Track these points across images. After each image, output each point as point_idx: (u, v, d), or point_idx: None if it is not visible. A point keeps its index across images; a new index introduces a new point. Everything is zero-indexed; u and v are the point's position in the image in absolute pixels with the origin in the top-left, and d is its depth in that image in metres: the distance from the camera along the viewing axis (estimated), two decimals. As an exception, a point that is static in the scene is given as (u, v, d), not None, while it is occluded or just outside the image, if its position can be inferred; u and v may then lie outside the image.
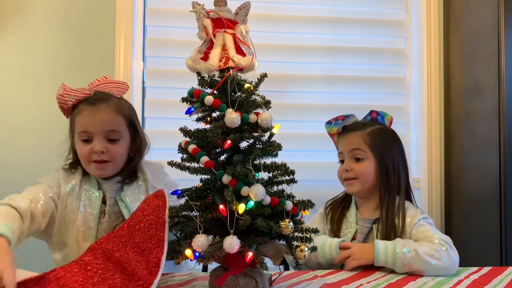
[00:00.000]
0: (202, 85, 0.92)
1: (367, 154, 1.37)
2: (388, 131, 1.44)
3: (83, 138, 1.27)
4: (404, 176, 1.40)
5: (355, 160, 1.38)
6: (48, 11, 2.02)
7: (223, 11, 0.93)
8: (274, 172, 0.92)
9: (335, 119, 1.46)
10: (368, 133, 1.39)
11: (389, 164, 1.37)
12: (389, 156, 1.37)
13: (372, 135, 1.38)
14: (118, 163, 1.29)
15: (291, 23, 2.17)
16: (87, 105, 1.28)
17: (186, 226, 0.89)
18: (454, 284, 1.05)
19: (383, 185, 1.36)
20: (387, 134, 1.42)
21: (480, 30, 1.93)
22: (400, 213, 1.33)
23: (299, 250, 0.89)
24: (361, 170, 1.36)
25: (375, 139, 1.38)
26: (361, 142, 1.37)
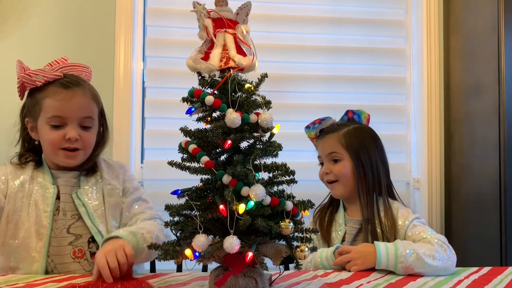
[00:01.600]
0: (203, 85, 0.91)
1: (343, 155, 1.39)
2: (364, 129, 1.45)
3: (53, 123, 1.18)
4: (384, 174, 1.41)
5: (333, 162, 1.41)
6: (48, 11, 2.02)
7: (224, 11, 0.93)
8: (274, 172, 0.92)
9: (312, 123, 1.47)
10: (343, 134, 1.41)
11: (366, 162, 1.38)
12: (366, 155, 1.39)
13: (347, 136, 1.40)
14: (88, 152, 1.23)
15: (291, 23, 2.17)
16: (61, 88, 1.20)
17: (186, 226, 0.89)
18: (454, 284, 1.05)
19: (360, 184, 1.36)
20: (362, 133, 1.43)
21: (480, 30, 1.93)
22: (388, 213, 1.34)
23: (299, 250, 0.88)
24: (339, 171, 1.39)
25: (350, 139, 1.40)
26: (336, 144, 1.40)
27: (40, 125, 1.22)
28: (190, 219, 0.89)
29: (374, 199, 1.36)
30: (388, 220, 1.33)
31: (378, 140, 1.45)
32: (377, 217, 1.34)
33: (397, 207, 1.37)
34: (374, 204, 1.36)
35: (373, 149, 1.41)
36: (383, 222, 1.33)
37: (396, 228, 1.32)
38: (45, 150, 1.23)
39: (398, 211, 1.36)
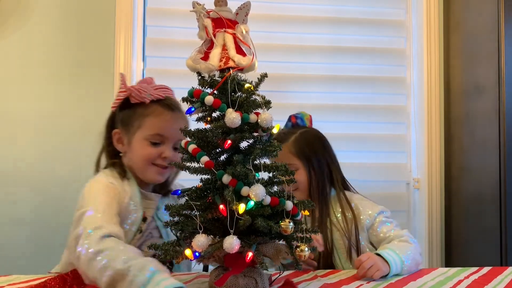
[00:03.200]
0: (203, 85, 0.92)
1: (297, 164, 1.40)
2: (310, 132, 1.47)
3: (153, 141, 1.21)
4: (335, 167, 1.44)
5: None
6: (48, 11, 2.02)
7: (224, 11, 0.93)
8: (274, 172, 0.92)
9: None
10: (292, 143, 1.42)
11: (317, 164, 1.41)
12: (315, 157, 1.42)
13: (296, 144, 1.42)
14: (172, 172, 1.28)
15: (291, 23, 2.17)
16: (167, 110, 1.24)
17: (186, 226, 0.89)
18: (454, 284, 1.05)
19: (315, 186, 1.39)
20: (309, 137, 1.45)
21: (480, 30, 1.93)
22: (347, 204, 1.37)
23: (299, 250, 0.89)
24: (298, 179, 1.36)
25: (299, 146, 1.41)
26: (288, 154, 1.40)
27: (136, 139, 1.23)
28: (190, 219, 0.89)
29: (327, 197, 1.40)
30: (348, 212, 1.36)
31: (324, 140, 1.48)
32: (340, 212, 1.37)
33: (358, 198, 1.41)
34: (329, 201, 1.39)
35: (322, 150, 1.44)
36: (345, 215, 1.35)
37: (358, 218, 1.34)
38: (136, 163, 1.23)
39: (361, 202, 1.39)
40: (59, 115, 2.01)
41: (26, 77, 2.00)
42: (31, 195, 1.97)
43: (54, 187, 1.99)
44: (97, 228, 0.97)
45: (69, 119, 2.02)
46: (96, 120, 2.02)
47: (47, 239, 1.97)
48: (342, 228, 1.34)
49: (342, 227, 1.34)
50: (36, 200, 1.97)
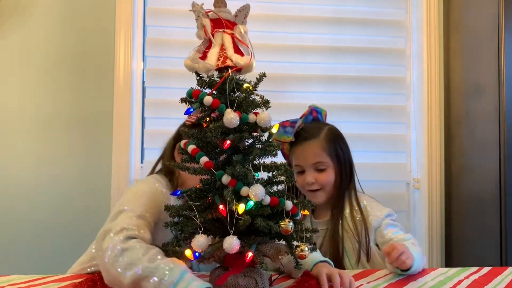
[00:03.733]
0: (201, 85, 0.91)
1: (329, 163, 1.37)
2: (335, 130, 1.44)
3: None
4: (354, 169, 1.43)
5: (317, 171, 1.37)
6: (48, 11, 2.02)
7: (223, 12, 0.93)
8: (274, 172, 0.92)
9: (282, 126, 1.38)
10: (324, 140, 1.37)
11: (345, 165, 1.39)
12: (344, 157, 1.39)
13: (328, 141, 1.38)
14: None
15: (291, 23, 2.17)
16: None
17: (186, 226, 0.89)
18: (454, 284, 1.05)
19: (341, 186, 1.37)
20: (336, 135, 1.42)
21: (480, 30, 1.93)
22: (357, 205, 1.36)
23: (299, 250, 0.89)
24: (326, 180, 1.36)
25: (331, 145, 1.38)
26: (321, 152, 1.36)
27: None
28: (189, 220, 0.89)
29: (347, 195, 1.39)
30: (357, 213, 1.34)
31: (343, 137, 1.45)
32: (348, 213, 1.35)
33: (367, 198, 1.40)
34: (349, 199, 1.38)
35: (346, 148, 1.42)
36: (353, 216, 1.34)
37: (367, 219, 1.33)
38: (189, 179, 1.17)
39: (370, 203, 1.38)
40: (59, 115, 2.01)
41: (26, 77, 2.00)
42: (31, 194, 1.97)
43: (54, 186, 1.99)
44: (127, 230, 0.97)
45: (69, 119, 2.02)
46: (96, 120, 2.03)
47: (47, 239, 1.97)
48: (352, 230, 1.32)
49: (351, 229, 1.32)
50: (36, 200, 1.97)
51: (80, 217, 1.99)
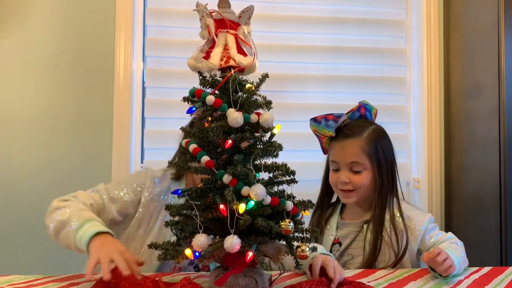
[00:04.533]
0: (204, 85, 0.92)
1: (366, 165, 1.30)
2: (380, 130, 1.37)
3: None
4: (396, 173, 1.36)
5: (353, 171, 1.31)
6: (48, 11, 2.02)
7: (226, 12, 0.93)
8: (275, 172, 0.92)
9: (324, 119, 1.34)
10: (365, 140, 1.30)
11: (386, 169, 1.32)
12: (385, 160, 1.32)
13: (370, 142, 1.30)
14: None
15: (291, 23, 2.17)
16: None
17: (186, 226, 0.89)
18: (454, 284, 1.05)
19: (379, 190, 1.30)
20: (381, 136, 1.35)
21: (480, 30, 1.93)
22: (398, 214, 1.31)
23: (300, 250, 0.89)
24: (361, 182, 1.30)
25: (373, 146, 1.30)
26: (360, 153, 1.29)
27: None
28: (190, 219, 0.89)
29: (387, 202, 1.32)
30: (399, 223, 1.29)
31: (389, 138, 1.37)
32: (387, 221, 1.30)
33: (408, 208, 1.35)
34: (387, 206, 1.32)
35: (389, 151, 1.34)
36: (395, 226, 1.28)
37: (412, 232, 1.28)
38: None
39: (412, 212, 1.33)
40: (59, 115, 2.01)
41: (26, 77, 2.00)
42: (31, 194, 1.97)
43: (54, 186, 1.99)
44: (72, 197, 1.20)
45: (69, 119, 2.02)
46: (96, 120, 2.03)
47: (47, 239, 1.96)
48: (390, 239, 1.27)
49: (390, 238, 1.27)
50: (36, 200, 1.97)
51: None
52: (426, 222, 1.30)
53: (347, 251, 1.34)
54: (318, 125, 1.35)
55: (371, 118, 1.40)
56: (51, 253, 1.96)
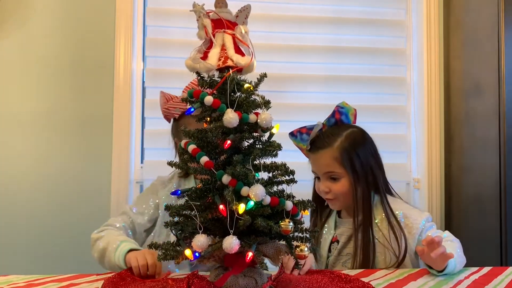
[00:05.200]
0: (202, 85, 0.92)
1: (341, 173, 1.31)
2: (355, 134, 1.35)
3: None
4: (381, 174, 1.35)
5: (331, 179, 1.33)
6: (48, 11, 2.02)
7: (223, 12, 0.93)
8: (274, 172, 0.92)
9: (299, 132, 1.36)
10: (337, 150, 1.31)
11: (362, 171, 1.31)
12: (361, 164, 1.31)
13: (342, 151, 1.31)
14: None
15: (291, 23, 2.17)
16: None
17: (186, 226, 0.89)
18: (454, 284, 1.05)
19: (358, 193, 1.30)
20: (354, 140, 1.34)
21: (480, 30, 1.93)
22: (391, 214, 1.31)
23: (299, 250, 0.88)
24: (340, 190, 1.31)
25: (346, 155, 1.30)
26: (332, 162, 1.30)
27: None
28: (190, 219, 0.89)
29: (375, 204, 1.33)
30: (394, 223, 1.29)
31: (369, 141, 1.38)
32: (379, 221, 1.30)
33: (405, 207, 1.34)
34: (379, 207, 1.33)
35: (366, 153, 1.34)
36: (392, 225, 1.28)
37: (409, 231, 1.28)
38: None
39: (409, 211, 1.32)
40: (59, 115, 2.01)
41: (26, 77, 2.00)
42: (31, 194, 1.97)
43: (54, 187, 1.99)
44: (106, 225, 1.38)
45: (69, 118, 2.02)
46: (96, 120, 2.03)
47: (46, 239, 1.97)
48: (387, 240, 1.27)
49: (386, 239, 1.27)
50: (35, 200, 1.97)
51: (80, 217, 1.99)
52: (424, 220, 1.30)
53: (344, 250, 1.34)
54: (295, 139, 1.39)
55: (348, 121, 1.39)
56: (51, 253, 1.96)
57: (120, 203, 1.99)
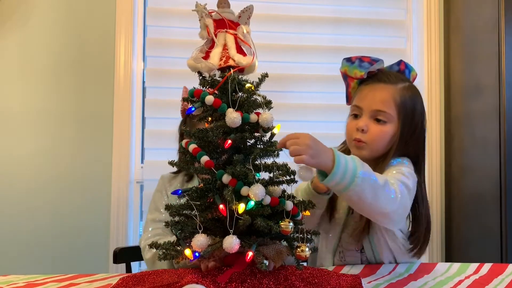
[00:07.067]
0: (203, 85, 0.92)
1: (393, 117, 1.13)
2: (418, 93, 1.20)
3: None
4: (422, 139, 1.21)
5: (375, 120, 1.14)
6: (48, 11, 2.02)
7: (226, 12, 0.93)
8: (275, 172, 0.92)
9: (359, 60, 1.19)
10: (399, 91, 1.14)
11: (411, 127, 1.16)
12: (413, 118, 1.16)
13: (403, 94, 1.14)
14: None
15: (291, 23, 2.17)
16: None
17: (186, 226, 0.89)
18: (454, 284, 1.05)
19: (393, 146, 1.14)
20: (417, 97, 1.18)
21: (480, 30, 1.93)
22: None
23: (300, 251, 0.88)
24: (380, 135, 1.13)
25: (406, 100, 1.14)
26: (390, 101, 1.12)
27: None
28: (190, 219, 0.89)
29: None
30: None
31: (423, 105, 1.22)
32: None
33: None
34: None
35: (422, 125, 1.19)
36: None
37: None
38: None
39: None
40: (59, 115, 2.01)
41: (26, 77, 2.00)
42: (31, 194, 1.97)
43: (54, 186, 1.99)
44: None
45: (69, 119, 2.02)
46: (96, 120, 2.03)
47: (46, 239, 1.97)
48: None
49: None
50: (36, 200, 1.97)
51: (80, 217, 1.99)
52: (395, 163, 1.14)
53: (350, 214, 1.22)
54: (350, 65, 1.20)
55: (409, 78, 1.23)
56: (51, 253, 1.96)
57: (120, 203, 1.99)
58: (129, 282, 0.94)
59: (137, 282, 0.94)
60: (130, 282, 0.94)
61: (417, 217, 1.20)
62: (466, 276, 1.12)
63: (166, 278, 0.95)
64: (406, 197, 1.01)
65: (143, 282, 0.94)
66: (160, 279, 0.95)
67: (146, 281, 0.95)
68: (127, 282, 0.94)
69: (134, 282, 0.94)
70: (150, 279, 0.96)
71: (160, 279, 0.95)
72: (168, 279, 0.95)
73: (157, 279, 0.96)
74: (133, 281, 0.95)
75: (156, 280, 0.95)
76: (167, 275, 0.98)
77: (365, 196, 0.91)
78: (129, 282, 0.94)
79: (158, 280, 0.95)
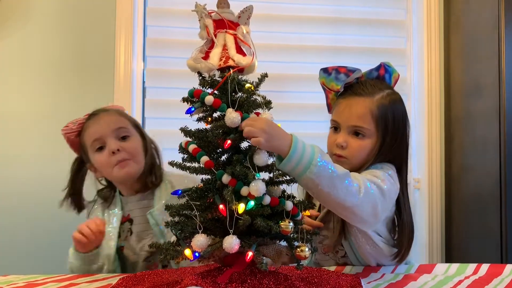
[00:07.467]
0: (203, 85, 0.92)
1: (370, 130, 1.11)
2: (396, 97, 1.17)
3: (96, 147, 1.31)
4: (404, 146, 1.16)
5: (353, 134, 1.13)
6: (48, 11, 2.02)
7: (225, 12, 0.93)
8: (275, 172, 0.92)
9: (335, 70, 1.15)
10: (376, 101, 1.11)
11: (392, 138, 1.13)
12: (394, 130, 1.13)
13: (380, 105, 1.11)
14: (138, 160, 1.32)
15: (291, 23, 2.17)
16: (90, 120, 1.35)
17: (186, 226, 0.89)
18: (454, 284, 1.05)
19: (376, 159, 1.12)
20: (395, 102, 1.15)
21: (480, 30, 1.93)
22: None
23: (300, 251, 0.88)
24: (359, 149, 1.12)
25: (384, 110, 1.11)
26: (367, 115, 1.10)
27: (91, 156, 1.35)
28: (190, 219, 0.89)
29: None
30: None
31: (405, 110, 1.18)
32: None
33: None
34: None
35: (403, 132, 1.15)
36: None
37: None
38: (105, 174, 1.38)
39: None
40: (59, 115, 2.01)
41: (26, 77, 2.00)
42: (31, 194, 1.97)
43: (54, 186, 1.99)
44: None
45: (69, 119, 2.01)
46: (96, 120, 2.03)
47: (46, 239, 1.97)
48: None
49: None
50: (36, 200, 1.97)
51: (80, 217, 1.99)
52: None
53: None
54: (327, 77, 1.17)
55: (389, 82, 1.21)
56: (51, 253, 1.96)
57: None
58: (129, 282, 0.94)
59: (137, 282, 0.94)
60: (130, 282, 0.94)
61: (400, 224, 1.18)
62: (466, 276, 1.12)
63: (166, 278, 0.96)
64: (374, 196, 0.98)
65: (143, 282, 0.94)
66: (160, 279, 0.95)
67: (146, 281, 0.95)
68: (127, 282, 0.95)
69: (134, 282, 0.95)
70: (150, 279, 0.96)
71: (160, 279, 0.95)
72: (168, 279, 0.95)
73: (157, 279, 0.96)
74: (133, 281, 0.95)
75: (156, 280, 0.95)
76: (167, 275, 0.99)
77: (322, 184, 0.88)
78: (129, 282, 0.94)
79: (158, 280, 0.95)
